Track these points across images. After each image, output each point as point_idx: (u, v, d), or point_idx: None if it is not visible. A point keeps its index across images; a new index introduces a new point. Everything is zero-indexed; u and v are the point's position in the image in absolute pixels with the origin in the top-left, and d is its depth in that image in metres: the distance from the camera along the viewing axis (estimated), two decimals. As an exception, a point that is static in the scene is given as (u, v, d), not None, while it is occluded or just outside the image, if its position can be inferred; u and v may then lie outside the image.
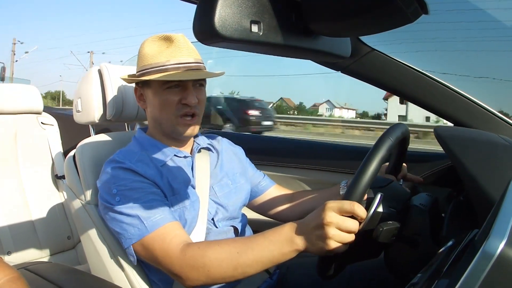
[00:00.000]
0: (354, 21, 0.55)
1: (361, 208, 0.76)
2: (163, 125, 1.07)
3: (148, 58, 1.03)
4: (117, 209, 0.96)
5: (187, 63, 1.02)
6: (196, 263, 0.87)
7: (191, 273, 0.87)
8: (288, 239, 0.81)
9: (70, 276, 1.09)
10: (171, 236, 0.92)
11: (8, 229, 1.81)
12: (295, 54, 0.68)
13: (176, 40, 1.03)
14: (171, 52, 1.02)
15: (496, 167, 0.81)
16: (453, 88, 1.23)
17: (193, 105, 1.03)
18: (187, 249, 0.89)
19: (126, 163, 1.00)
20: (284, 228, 0.83)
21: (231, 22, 0.49)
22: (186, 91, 1.02)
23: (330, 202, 0.77)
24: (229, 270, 0.85)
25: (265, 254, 0.83)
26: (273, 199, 1.29)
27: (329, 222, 0.75)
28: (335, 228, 0.75)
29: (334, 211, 0.76)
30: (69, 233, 2.00)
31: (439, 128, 0.99)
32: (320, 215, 0.77)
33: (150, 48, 1.04)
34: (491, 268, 0.42)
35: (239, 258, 0.84)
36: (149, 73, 1.02)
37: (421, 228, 0.85)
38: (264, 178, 1.31)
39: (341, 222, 0.75)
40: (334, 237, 0.75)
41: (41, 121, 2.05)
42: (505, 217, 0.47)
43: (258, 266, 0.84)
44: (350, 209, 0.75)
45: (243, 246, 0.85)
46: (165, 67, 1.01)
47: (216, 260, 0.85)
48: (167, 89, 1.02)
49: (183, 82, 1.02)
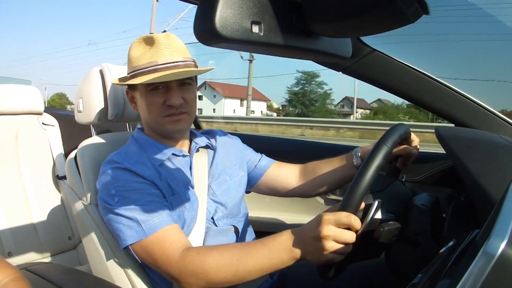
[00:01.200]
0: (354, 22, 0.55)
1: (357, 221, 0.77)
2: (152, 126, 1.07)
3: (133, 61, 1.02)
4: (116, 210, 0.96)
5: (173, 62, 0.99)
6: (195, 269, 0.87)
7: (190, 278, 0.88)
8: (286, 248, 0.82)
9: (71, 277, 1.09)
10: (170, 240, 0.92)
11: (9, 230, 1.81)
12: (296, 54, 0.68)
13: (157, 40, 1.00)
14: (152, 54, 1.00)
15: (497, 167, 0.81)
16: (454, 89, 1.23)
17: (177, 105, 1.01)
18: (186, 254, 0.89)
19: (124, 164, 1.00)
20: (283, 237, 0.84)
21: (232, 22, 0.49)
22: (170, 92, 1.01)
23: (327, 215, 0.78)
24: (228, 276, 0.86)
25: (264, 262, 0.84)
26: (279, 175, 1.26)
27: (326, 235, 0.77)
28: (332, 240, 0.77)
29: (331, 223, 0.77)
30: (70, 233, 2.00)
31: (440, 128, 0.99)
32: (317, 228, 0.78)
33: (135, 51, 1.03)
34: (492, 268, 0.42)
35: (239, 265, 0.85)
36: (135, 76, 1.01)
37: (422, 228, 0.85)
38: (262, 157, 1.29)
39: (338, 235, 0.77)
40: (331, 249, 0.77)
41: (42, 122, 2.05)
42: (506, 218, 0.47)
43: (257, 273, 0.85)
44: (347, 222, 0.77)
45: (242, 253, 0.86)
46: (149, 68, 0.99)
47: (216, 267, 0.86)
48: (151, 91, 1.01)
49: (166, 83, 1.00)
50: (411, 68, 1.24)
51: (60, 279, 1.02)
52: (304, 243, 0.81)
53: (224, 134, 1.28)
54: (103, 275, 1.10)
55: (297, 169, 1.27)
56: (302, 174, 1.25)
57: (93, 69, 1.29)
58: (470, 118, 1.21)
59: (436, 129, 0.99)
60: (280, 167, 1.28)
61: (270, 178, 1.27)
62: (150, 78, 0.96)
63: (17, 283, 0.68)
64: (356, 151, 1.16)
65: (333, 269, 0.83)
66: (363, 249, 0.84)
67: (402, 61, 1.25)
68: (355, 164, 1.14)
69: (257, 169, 1.27)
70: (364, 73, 1.30)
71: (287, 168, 1.28)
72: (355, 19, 0.53)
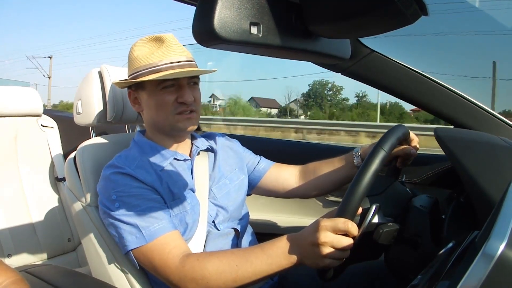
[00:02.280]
0: (354, 23, 0.55)
1: (354, 227, 0.78)
2: (161, 124, 1.06)
3: (140, 60, 1.02)
4: (116, 216, 0.96)
5: (180, 62, 1.01)
6: (195, 275, 0.87)
7: (190, 285, 0.88)
8: (285, 253, 0.84)
9: (71, 279, 1.09)
10: (170, 246, 0.92)
11: (8, 232, 1.81)
12: (295, 56, 0.68)
13: (167, 39, 1.02)
14: (163, 52, 1.01)
15: (497, 168, 0.81)
16: (453, 90, 1.23)
17: (189, 103, 1.02)
18: (186, 260, 0.89)
19: (125, 169, 0.99)
20: (281, 242, 0.85)
21: (231, 24, 0.49)
22: (182, 89, 1.02)
23: (324, 221, 0.79)
24: (228, 282, 0.86)
25: (263, 267, 0.85)
26: (279, 177, 1.26)
27: (323, 242, 0.78)
28: (330, 247, 0.78)
29: (328, 230, 0.78)
30: (69, 235, 2.00)
31: (439, 129, 0.99)
32: (315, 234, 0.79)
33: (140, 51, 1.03)
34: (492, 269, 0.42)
35: (238, 271, 0.86)
36: (142, 75, 1.01)
37: (422, 230, 0.85)
38: (261, 159, 1.29)
39: (335, 242, 0.78)
40: (328, 255, 0.78)
41: (41, 124, 2.06)
42: (505, 219, 0.47)
43: (256, 278, 0.86)
44: (344, 228, 0.77)
45: (242, 259, 0.86)
46: (159, 67, 1.00)
47: (215, 273, 0.86)
48: (162, 89, 1.01)
49: (178, 81, 1.02)
50: (410, 69, 1.24)
51: (59, 281, 1.02)
52: (302, 249, 0.82)
53: (223, 137, 1.28)
54: (103, 277, 1.10)
55: (297, 170, 1.27)
56: (302, 175, 1.25)
57: (92, 71, 1.29)
58: (469, 119, 1.21)
59: (435, 130, 0.99)
60: (280, 169, 1.28)
61: (269, 180, 1.27)
62: (171, 75, 0.97)
63: (17, 285, 0.67)
64: (357, 151, 1.16)
65: (332, 270, 0.83)
66: (363, 250, 0.84)
67: (402, 63, 1.25)
68: (356, 164, 1.14)
69: (256, 171, 1.27)
70: (363, 74, 1.30)
71: (286, 170, 1.28)
72: (354, 20, 0.53)
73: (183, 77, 1.01)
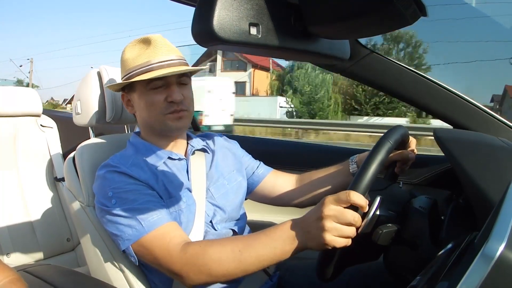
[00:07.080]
0: (353, 24, 0.55)
1: (356, 195, 0.75)
2: (153, 124, 1.07)
3: (130, 62, 1.04)
4: (114, 212, 0.96)
5: (169, 61, 1.02)
6: (197, 261, 0.86)
7: (192, 271, 0.87)
8: (289, 236, 0.81)
9: (69, 278, 1.09)
10: (171, 235, 0.92)
11: (7, 231, 1.81)
12: (294, 56, 0.68)
13: (154, 40, 1.03)
14: (150, 52, 1.02)
15: (496, 169, 0.81)
16: (452, 90, 1.22)
17: (178, 101, 1.02)
18: (187, 247, 0.89)
19: (120, 167, 1.00)
20: (285, 225, 0.83)
21: (230, 24, 0.49)
22: (171, 88, 1.02)
23: (329, 196, 0.78)
24: (231, 268, 0.85)
25: (266, 251, 0.83)
26: (275, 184, 1.26)
27: (327, 215, 0.76)
28: (334, 221, 0.75)
29: (332, 203, 0.76)
30: (68, 235, 2.00)
31: (438, 130, 0.99)
32: (319, 209, 0.77)
33: (130, 53, 1.05)
34: (491, 270, 0.42)
35: (241, 256, 0.84)
36: (131, 77, 1.02)
37: (421, 231, 0.85)
38: (260, 165, 1.29)
39: (339, 214, 0.75)
40: (332, 230, 0.75)
41: (40, 124, 2.05)
42: (504, 220, 0.47)
43: (260, 264, 0.84)
44: (346, 199, 0.75)
45: (244, 244, 0.85)
46: (147, 67, 1.01)
47: (218, 259, 0.85)
48: (151, 89, 1.02)
49: (167, 80, 1.02)
50: (409, 70, 1.24)
51: (58, 281, 1.02)
52: (307, 228, 0.79)
53: (221, 137, 1.28)
54: (102, 276, 1.10)
55: (293, 178, 1.27)
56: (298, 184, 1.25)
57: (90, 71, 1.29)
58: (468, 120, 1.21)
59: (435, 131, 0.99)
60: (277, 176, 1.28)
61: (266, 187, 1.27)
62: (157, 75, 0.98)
63: (14, 285, 0.67)
64: (353, 158, 1.17)
65: (331, 270, 0.82)
66: (362, 251, 0.84)
67: (400, 63, 1.25)
68: (351, 171, 1.14)
69: (255, 176, 1.27)
70: (362, 75, 1.30)
71: (283, 178, 1.28)
72: (354, 21, 0.53)
73: (171, 76, 1.02)
